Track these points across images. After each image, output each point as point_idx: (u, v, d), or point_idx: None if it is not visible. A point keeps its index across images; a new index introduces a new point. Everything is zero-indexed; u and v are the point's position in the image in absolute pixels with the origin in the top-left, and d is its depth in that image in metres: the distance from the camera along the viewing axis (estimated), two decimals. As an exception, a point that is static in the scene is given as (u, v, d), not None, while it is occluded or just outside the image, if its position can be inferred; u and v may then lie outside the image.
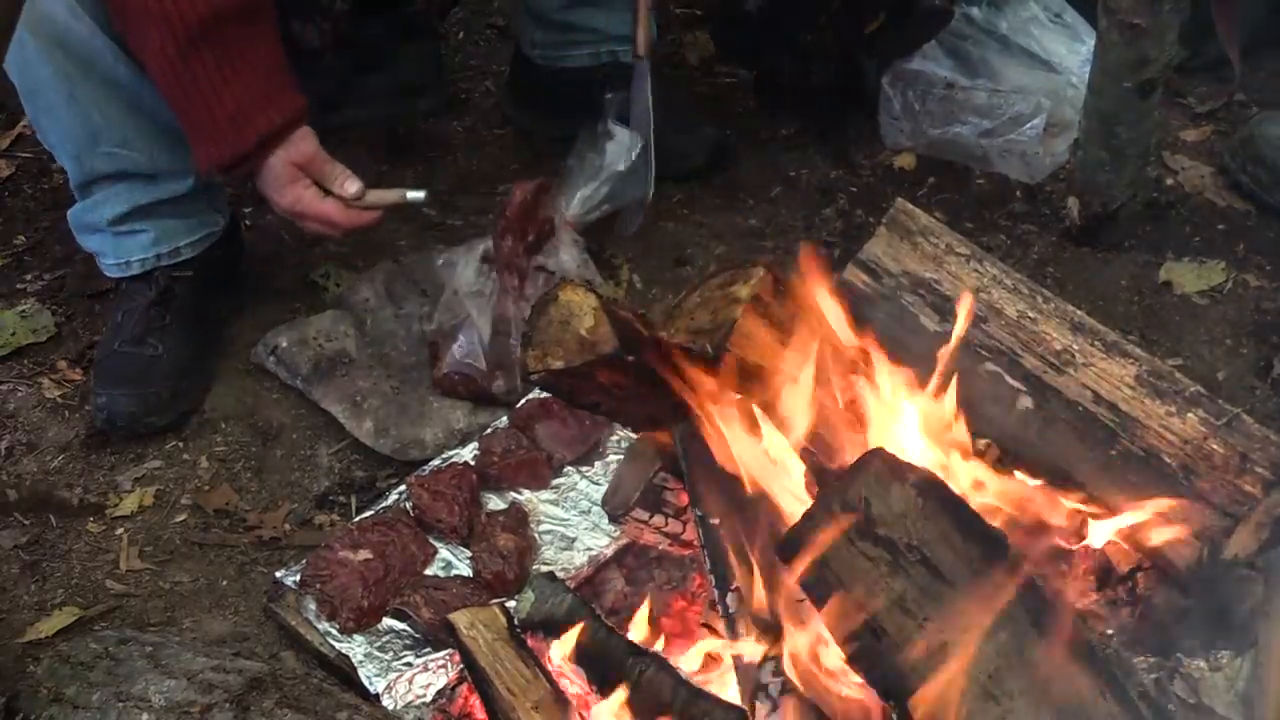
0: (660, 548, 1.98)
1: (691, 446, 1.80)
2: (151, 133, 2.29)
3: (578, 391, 1.73)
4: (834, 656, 1.66)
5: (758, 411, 1.73)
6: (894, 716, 1.55)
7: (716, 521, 1.77)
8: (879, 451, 1.57)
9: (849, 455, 1.72)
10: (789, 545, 1.56)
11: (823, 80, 2.88)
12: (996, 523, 1.69)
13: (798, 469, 1.74)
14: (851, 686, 1.66)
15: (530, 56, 2.82)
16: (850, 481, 1.55)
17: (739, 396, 1.72)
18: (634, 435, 2.11)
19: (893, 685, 1.54)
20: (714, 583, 1.78)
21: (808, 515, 1.55)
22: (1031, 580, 1.59)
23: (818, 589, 1.56)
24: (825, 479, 1.71)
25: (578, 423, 2.21)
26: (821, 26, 2.81)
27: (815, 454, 1.75)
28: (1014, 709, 1.51)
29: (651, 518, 1.93)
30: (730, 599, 1.74)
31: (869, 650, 1.54)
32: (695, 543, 1.85)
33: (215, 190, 2.46)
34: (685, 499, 1.91)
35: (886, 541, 1.53)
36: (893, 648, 1.52)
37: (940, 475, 1.63)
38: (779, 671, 1.70)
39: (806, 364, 1.69)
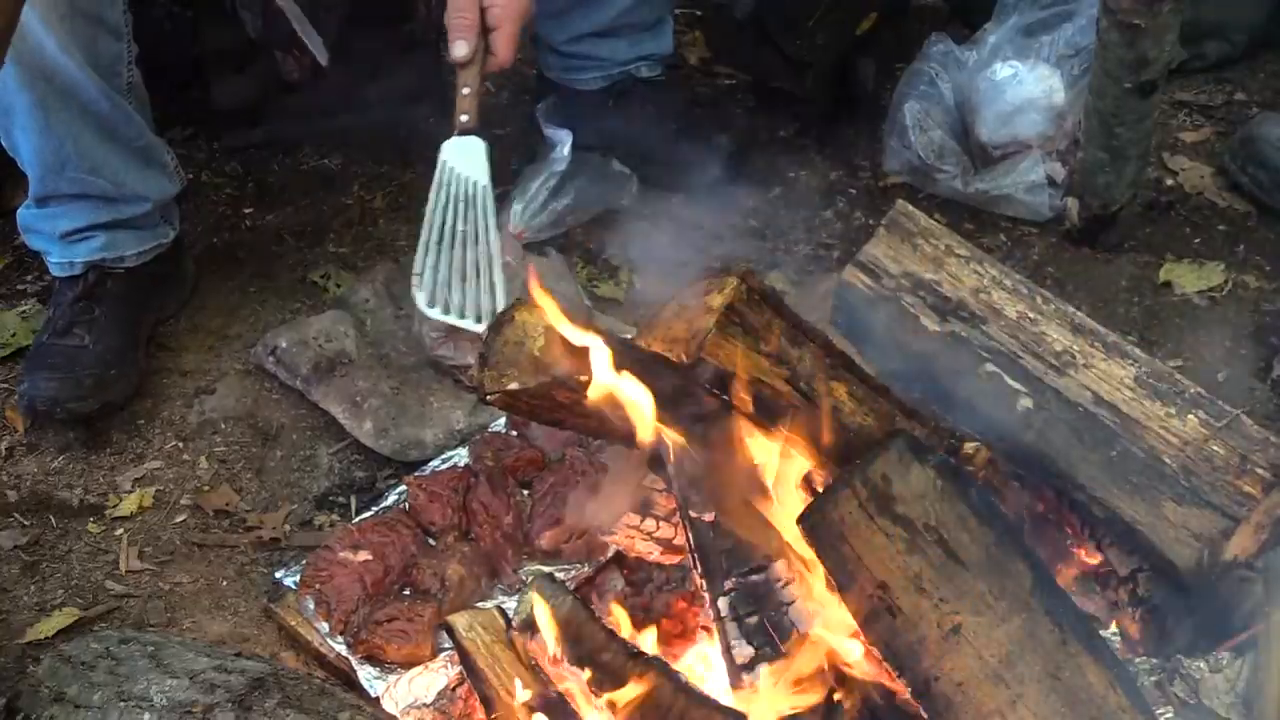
0: (652, 556, 1.98)
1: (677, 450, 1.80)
2: (122, 159, 2.34)
3: (538, 410, 1.73)
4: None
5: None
6: (909, 693, 1.57)
7: (710, 518, 1.77)
8: (901, 432, 1.59)
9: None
10: (809, 518, 1.57)
11: (817, 83, 2.88)
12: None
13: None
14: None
15: (548, 76, 2.84)
16: (872, 459, 1.56)
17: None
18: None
19: (906, 662, 1.55)
20: (705, 586, 1.78)
21: (829, 490, 1.56)
22: (1046, 568, 1.60)
23: (835, 564, 1.57)
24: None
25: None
26: (810, 31, 2.81)
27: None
28: (1023, 694, 1.52)
29: (642, 522, 1.93)
30: (722, 603, 1.74)
31: (884, 627, 1.56)
32: (686, 548, 1.84)
33: (169, 205, 2.48)
34: (674, 503, 1.91)
35: (904, 520, 1.55)
36: (907, 625, 1.54)
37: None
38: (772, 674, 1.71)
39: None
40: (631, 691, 1.66)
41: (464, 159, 2.27)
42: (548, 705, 1.74)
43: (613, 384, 1.63)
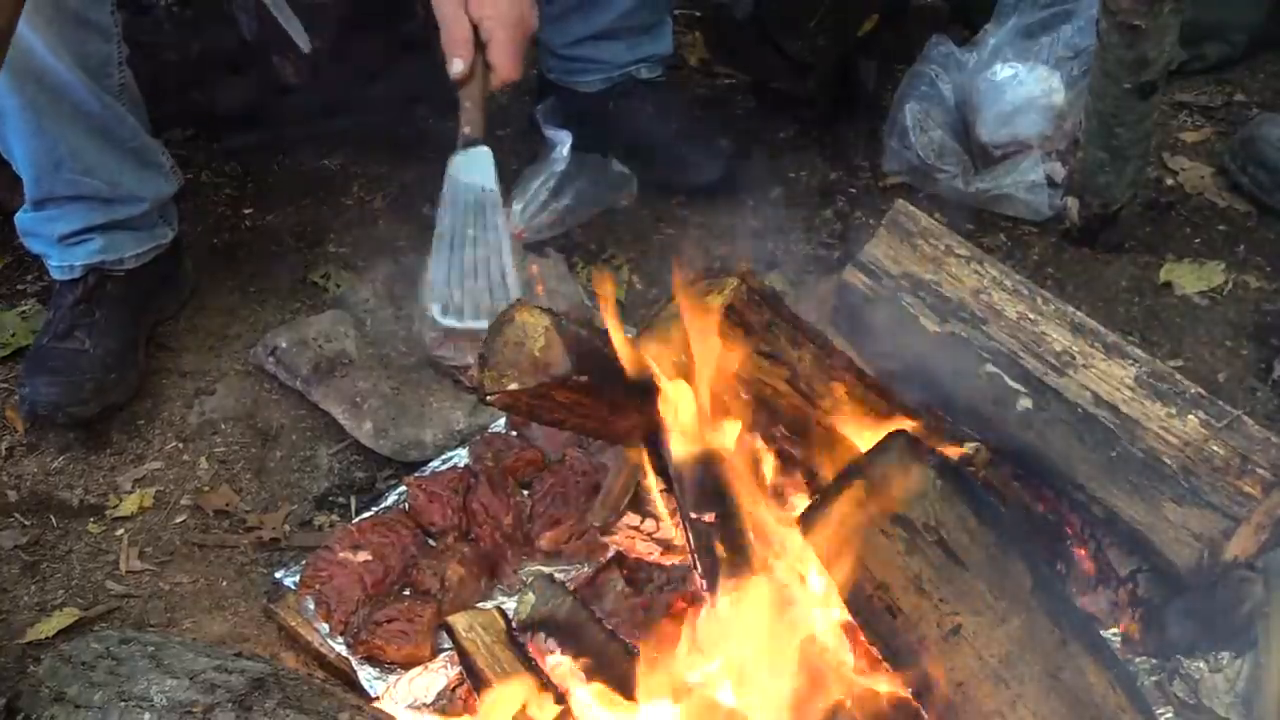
0: (651, 557, 1.98)
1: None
2: (117, 159, 2.33)
3: (538, 411, 1.74)
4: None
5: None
6: (909, 693, 1.57)
7: (710, 518, 1.78)
8: (901, 433, 1.59)
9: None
10: (809, 520, 1.57)
11: (818, 85, 2.88)
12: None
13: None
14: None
15: (549, 78, 2.84)
16: (873, 459, 1.56)
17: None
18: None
19: (905, 662, 1.55)
20: (705, 586, 1.78)
21: (828, 490, 1.57)
22: (1046, 569, 1.60)
23: (835, 564, 1.57)
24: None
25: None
26: (811, 33, 2.81)
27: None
28: (1024, 694, 1.52)
29: (642, 522, 1.93)
30: (722, 603, 1.74)
31: (884, 627, 1.56)
32: (686, 548, 1.85)
33: (167, 205, 2.48)
34: (673, 502, 1.91)
35: (904, 520, 1.54)
36: (907, 625, 1.54)
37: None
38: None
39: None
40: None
41: (471, 170, 2.26)
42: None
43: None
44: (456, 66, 2.19)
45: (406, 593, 2.04)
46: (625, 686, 1.72)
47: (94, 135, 2.29)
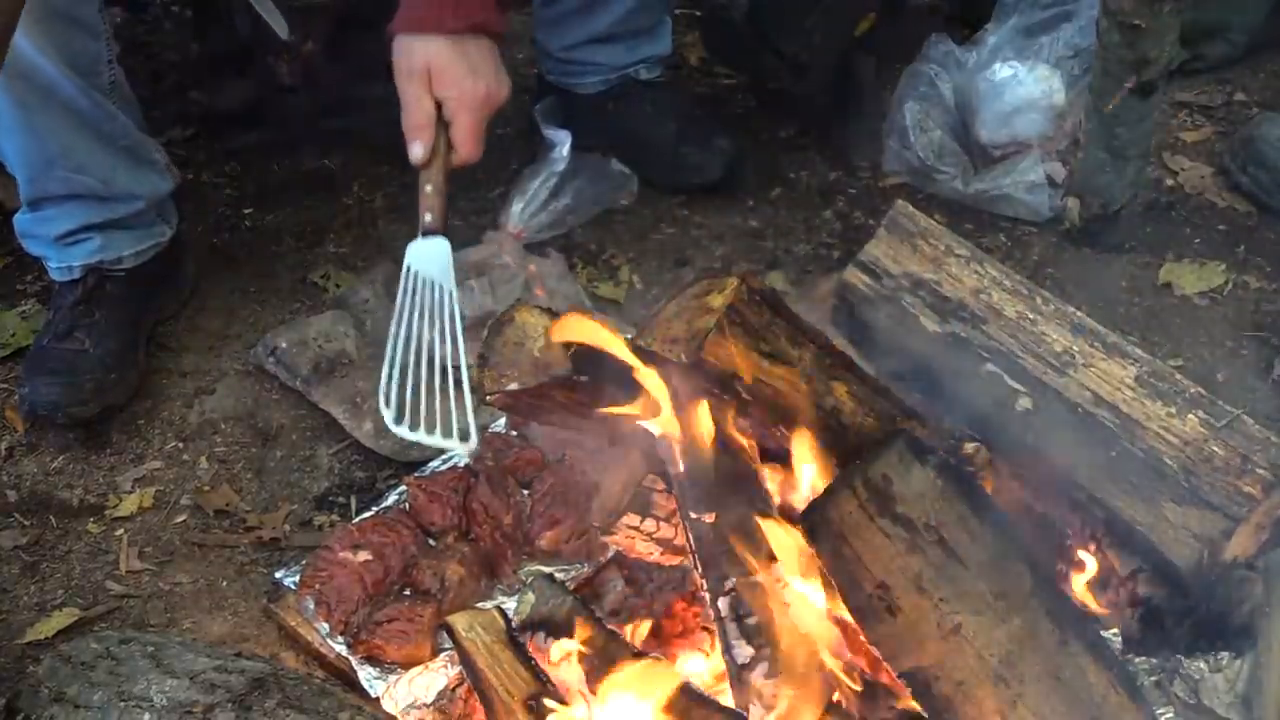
0: (652, 557, 1.98)
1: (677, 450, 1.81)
2: (109, 157, 2.33)
3: (537, 410, 1.74)
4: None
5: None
6: (909, 693, 1.57)
7: (710, 518, 1.78)
8: (903, 432, 1.59)
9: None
10: (809, 518, 1.57)
11: (817, 84, 2.88)
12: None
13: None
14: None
15: (547, 80, 2.84)
16: (873, 459, 1.56)
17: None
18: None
19: (906, 662, 1.56)
20: (705, 586, 1.78)
21: (829, 490, 1.57)
22: (1046, 569, 1.60)
23: (835, 564, 1.57)
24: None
25: (575, 423, 2.21)
26: (807, 32, 2.81)
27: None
28: (1024, 694, 1.53)
29: (642, 522, 1.93)
30: (722, 603, 1.74)
31: (884, 627, 1.56)
32: (686, 548, 1.85)
33: (165, 203, 2.48)
34: (674, 503, 1.90)
35: (905, 520, 1.55)
36: (907, 625, 1.54)
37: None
38: (771, 674, 1.70)
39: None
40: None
41: (428, 262, 2.12)
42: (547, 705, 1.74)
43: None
44: (416, 152, 2.10)
45: (406, 593, 2.04)
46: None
47: (84, 133, 2.29)
